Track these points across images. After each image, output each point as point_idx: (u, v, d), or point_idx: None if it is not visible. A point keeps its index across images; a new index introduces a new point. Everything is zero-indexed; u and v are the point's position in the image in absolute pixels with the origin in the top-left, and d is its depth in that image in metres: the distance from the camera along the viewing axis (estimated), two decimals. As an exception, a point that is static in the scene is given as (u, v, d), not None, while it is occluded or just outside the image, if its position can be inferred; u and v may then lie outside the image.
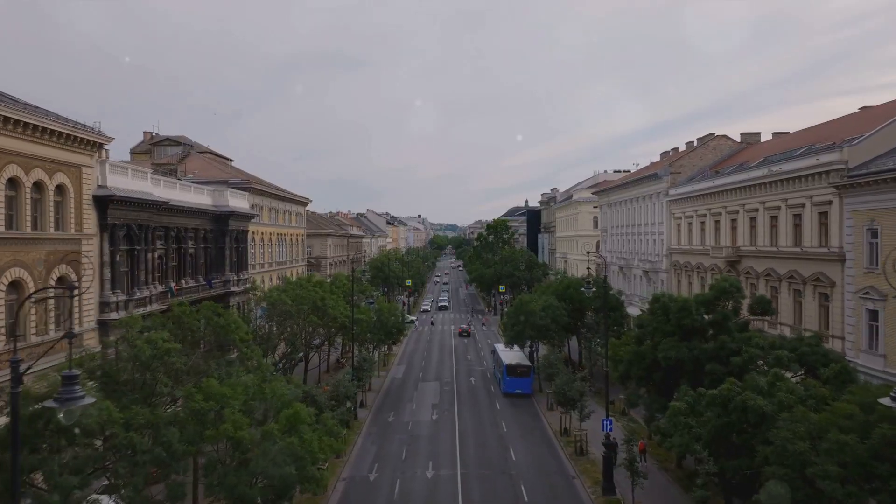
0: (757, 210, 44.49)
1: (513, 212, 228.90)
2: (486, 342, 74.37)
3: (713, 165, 59.13)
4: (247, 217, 61.92)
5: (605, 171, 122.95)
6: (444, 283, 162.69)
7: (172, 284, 47.67)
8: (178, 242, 51.48)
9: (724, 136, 62.45)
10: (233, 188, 61.33)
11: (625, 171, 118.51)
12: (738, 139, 61.90)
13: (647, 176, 66.81)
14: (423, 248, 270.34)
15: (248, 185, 64.87)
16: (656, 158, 79.94)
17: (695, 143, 67.38)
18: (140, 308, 40.58)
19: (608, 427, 30.82)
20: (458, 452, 37.11)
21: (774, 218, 42.26)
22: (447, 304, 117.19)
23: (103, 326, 36.94)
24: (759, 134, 61.67)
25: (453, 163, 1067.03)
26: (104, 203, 37.36)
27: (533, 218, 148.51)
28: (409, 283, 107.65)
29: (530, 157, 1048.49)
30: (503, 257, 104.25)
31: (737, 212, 47.51)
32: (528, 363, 56.71)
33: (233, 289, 58.02)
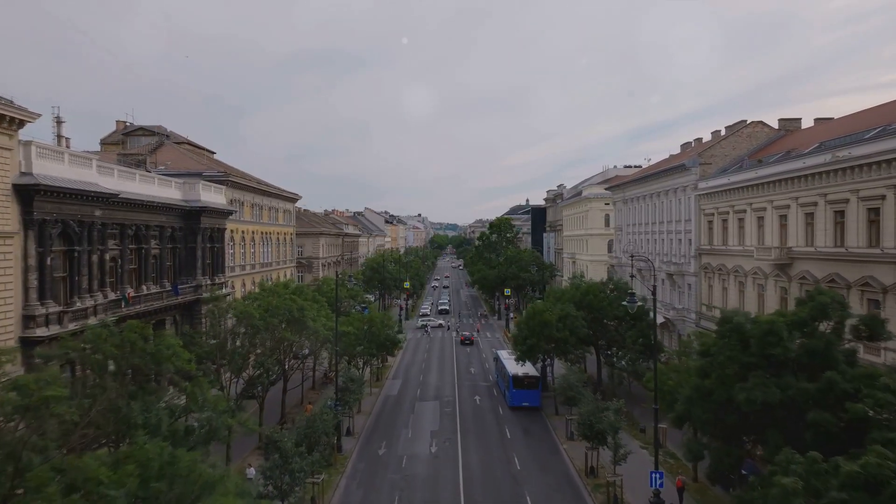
0: (815, 204, 37.58)
1: (515, 210, 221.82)
2: (490, 351, 67.49)
3: (751, 154, 52.21)
4: (223, 213, 55.07)
5: (615, 167, 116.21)
6: (445, 287, 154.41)
7: (127, 291, 40.80)
8: (139, 242, 44.63)
9: (760, 122, 55.56)
10: (207, 181, 54.48)
11: (636, 167, 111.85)
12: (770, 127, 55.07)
13: (671, 168, 59.86)
14: (422, 248, 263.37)
15: (226, 177, 57.96)
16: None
17: (722, 133, 60.49)
18: (79, 321, 33.77)
19: (658, 482, 24.05)
20: (462, 502, 30.16)
21: (840, 213, 35.36)
22: (448, 307, 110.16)
23: (27, 345, 30.05)
24: (799, 120, 54.78)
25: (453, 162, 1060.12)
26: (28, 194, 30.49)
27: (538, 216, 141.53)
28: (407, 285, 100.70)
29: (530, 157, 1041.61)
30: (508, 258, 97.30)
31: (787, 206, 40.60)
32: (536, 373, 50.69)
33: (206, 294, 51.21)
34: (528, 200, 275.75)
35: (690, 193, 55.97)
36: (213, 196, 53.86)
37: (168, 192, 48.48)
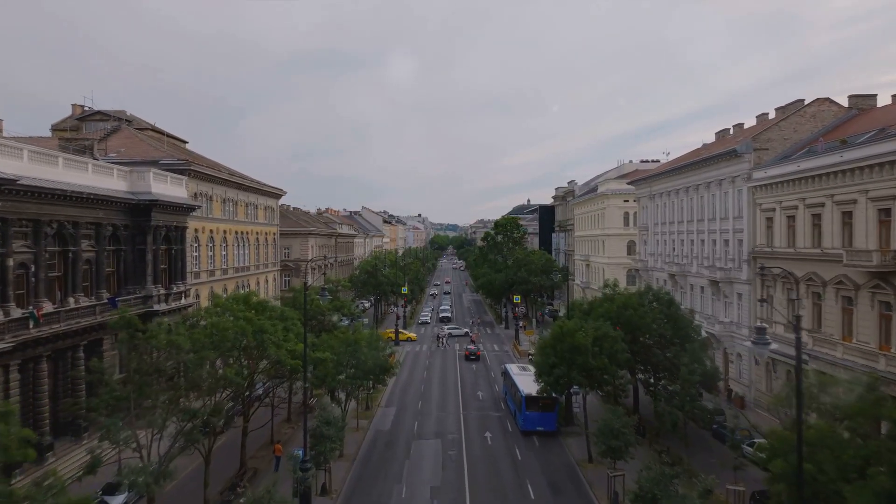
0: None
1: (519, 210, 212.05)
2: (499, 368, 58.38)
3: (818, 137, 43.05)
4: (183, 209, 45.99)
5: (631, 161, 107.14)
6: (446, 292, 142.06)
7: (37, 307, 31.65)
8: (63, 243, 35.55)
9: (827, 99, 46.48)
10: (164, 170, 45.39)
11: (653, 161, 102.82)
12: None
13: (716, 155, 50.68)
14: (422, 249, 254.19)
15: (186, 166, 48.81)
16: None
17: (770, 115, 51.44)
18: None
19: None
20: None
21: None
22: (450, 314, 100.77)
23: None
24: (873, 97, 45.67)
25: (453, 162, 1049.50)
26: None
27: (545, 215, 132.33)
28: (404, 290, 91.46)
29: (531, 157, 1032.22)
30: (517, 260, 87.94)
31: (891, 198, 31.46)
32: (552, 393, 41.77)
33: (158, 307, 42.12)
34: (529, 200, 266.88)
35: (742, 185, 46.86)
36: (169, 188, 44.77)
37: (107, 181, 39.38)
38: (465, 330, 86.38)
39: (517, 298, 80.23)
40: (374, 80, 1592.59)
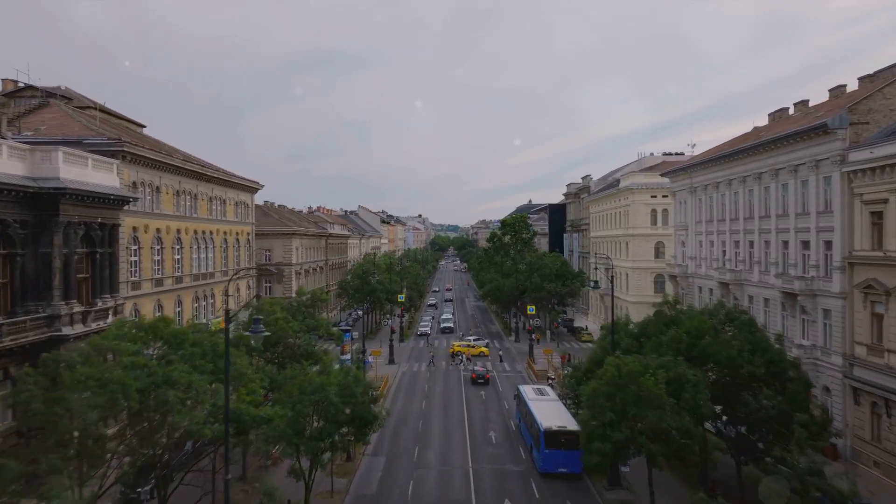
0: None
1: (523, 210, 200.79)
2: (514, 395, 47.94)
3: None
4: (112, 201, 35.53)
5: (653, 154, 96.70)
6: (447, 300, 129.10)
7: None
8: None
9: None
10: (82, 151, 34.91)
11: (676, 154, 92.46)
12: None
13: (791, 134, 40.11)
14: (423, 250, 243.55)
15: (118, 146, 38.31)
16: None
17: (845, 88, 41.07)
18: None
19: None
20: None
21: None
22: (452, 324, 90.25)
23: None
24: None
25: (454, 163, 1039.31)
26: None
27: (556, 214, 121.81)
28: (401, 298, 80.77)
29: (532, 158, 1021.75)
30: (530, 264, 77.33)
31: None
32: (577, 426, 33.30)
33: (69, 330, 31.63)
34: (531, 200, 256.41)
35: (831, 170, 36.36)
36: (91, 174, 34.29)
37: (-9, 161, 28.96)
38: (481, 339, 77.24)
39: (531, 309, 69.34)
40: (374, 80, 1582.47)
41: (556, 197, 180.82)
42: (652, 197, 75.36)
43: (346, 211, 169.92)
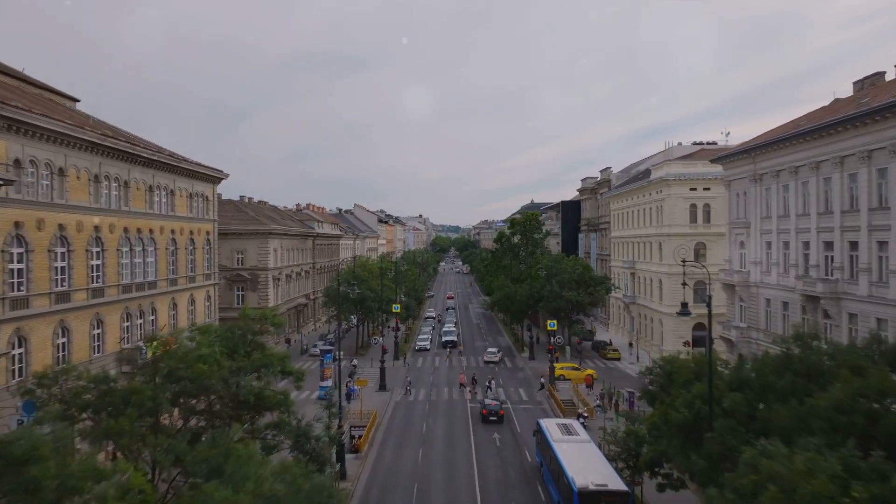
0: None
1: (527, 210, 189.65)
2: (534, 438, 36.72)
3: None
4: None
5: (681, 144, 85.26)
6: (449, 308, 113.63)
7: None
8: None
9: None
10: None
11: (709, 144, 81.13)
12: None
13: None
14: (423, 251, 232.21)
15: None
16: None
17: None
18: None
19: None
20: None
21: None
22: (455, 337, 78.02)
23: None
24: None
25: (454, 164, 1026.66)
26: None
27: (569, 213, 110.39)
28: (397, 308, 69.29)
29: (533, 158, 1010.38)
30: (549, 268, 65.87)
31: None
32: (623, 486, 26.13)
33: None
34: (532, 200, 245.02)
35: None
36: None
37: None
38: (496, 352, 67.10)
39: (553, 324, 57.44)
40: (375, 81, 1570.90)
41: (559, 197, 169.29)
42: (691, 190, 64.13)
43: (340, 209, 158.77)
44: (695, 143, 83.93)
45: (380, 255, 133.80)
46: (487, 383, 52.91)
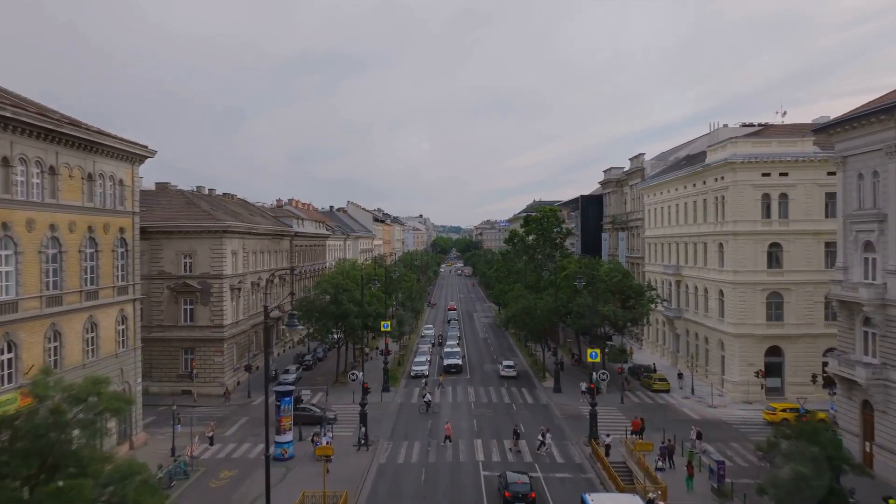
0: None
1: (533, 210, 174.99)
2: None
3: None
4: None
5: (727, 126, 71.13)
6: (450, 320, 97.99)
7: None
8: None
9: None
10: None
11: (759, 125, 67.14)
12: None
13: None
14: (423, 252, 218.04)
15: None
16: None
17: None
18: None
19: None
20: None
21: None
22: (460, 360, 63.42)
23: None
24: None
25: (455, 164, 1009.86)
26: None
27: (589, 209, 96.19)
28: (387, 326, 54.84)
29: (533, 159, 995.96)
30: (588, 276, 51.09)
31: None
32: None
33: None
34: (534, 199, 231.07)
35: None
36: None
37: None
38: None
39: (594, 355, 41.42)
40: (376, 82, 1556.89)
41: (562, 197, 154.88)
42: (764, 175, 50.12)
43: (332, 207, 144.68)
44: (744, 125, 69.84)
45: (374, 258, 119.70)
46: (541, 436, 38.29)
